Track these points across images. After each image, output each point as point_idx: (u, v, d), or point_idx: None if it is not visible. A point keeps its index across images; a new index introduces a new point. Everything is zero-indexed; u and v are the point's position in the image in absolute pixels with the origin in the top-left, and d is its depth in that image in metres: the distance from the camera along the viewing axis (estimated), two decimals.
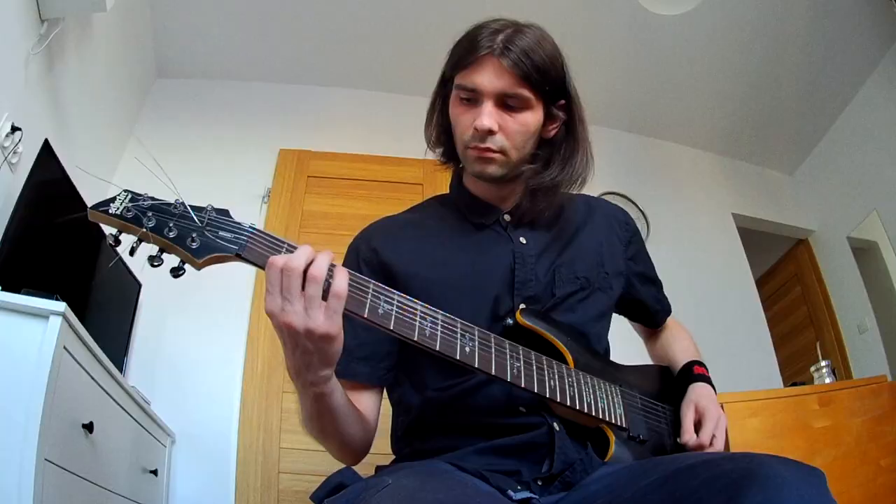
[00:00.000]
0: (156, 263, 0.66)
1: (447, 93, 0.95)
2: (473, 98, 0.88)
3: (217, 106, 2.92)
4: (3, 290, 1.16)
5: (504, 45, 0.85)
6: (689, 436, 0.90)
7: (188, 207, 0.67)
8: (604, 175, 3.07)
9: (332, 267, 0.67)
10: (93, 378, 1.31)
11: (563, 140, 0.94)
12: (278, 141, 2.82)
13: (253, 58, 2.94)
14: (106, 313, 2.00)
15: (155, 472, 1.81)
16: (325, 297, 0.65)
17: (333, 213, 2.64)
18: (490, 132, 0.86)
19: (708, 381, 0.99)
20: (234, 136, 2.82)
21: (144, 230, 0.65)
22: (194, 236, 0.66)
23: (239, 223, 0.69)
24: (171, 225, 0.66)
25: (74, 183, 1.88)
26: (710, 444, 0.88)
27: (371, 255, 0.93)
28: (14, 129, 1.67)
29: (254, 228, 0.69)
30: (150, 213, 0.66)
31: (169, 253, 0.67)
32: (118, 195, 0.67)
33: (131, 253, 0.67)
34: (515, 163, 0.90)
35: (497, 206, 0.97)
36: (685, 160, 3.41)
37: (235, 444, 2.15)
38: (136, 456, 1.67)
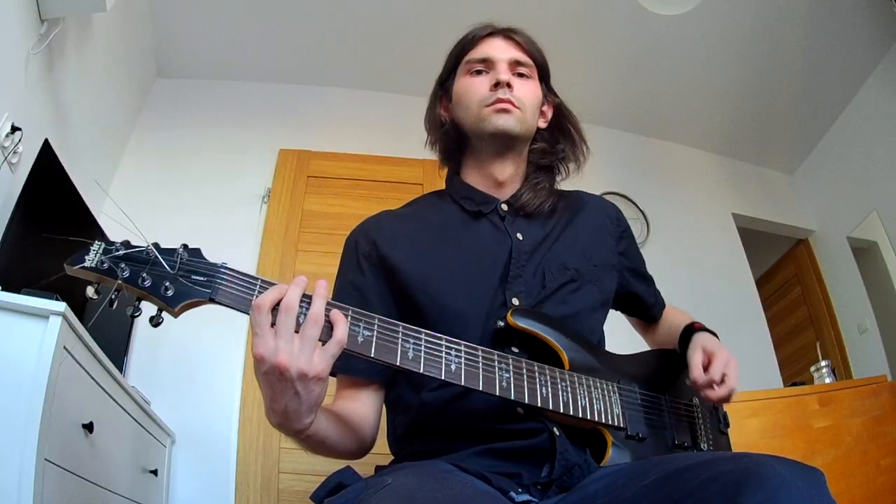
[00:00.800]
0: (136, 314, 0.67)
1: (446, 92, 1.02)
2: (485, 68, 0.98)
3: (217, 106, 2.92)
4: (3, 290, 1.17)
5: (506, 28, 1.01)
6: (697, 372, 0.89)
7: (157, 254, 0.66)
8: (604, 175, 3.07)
9: (327, 306, 0.67)
10: (93, 378, 1.31)
11: (558, 127, 1.05)
12: (278, 141, 2.82)
13: (253, 58, 2.94)
14: (106, 313, 2.00)
15: (155, 472, 1.81)
16: (322, 337, 0.66)
17: (333, 213, 2.64)
18: (508, 85, 0.95)
19: (712, 333, 0.99)
20: (234, 136, 2.82)
21: (119, 281, 0.64)
22: (168, 284, 0.66)
23: (212, 264, 0.68)
24: (143, 274, 0.65)
25: (74, 183, 1.88)
26: (722, 380, 0.88)
27: (370, 250, 0.93)
28: (14, 129, 1.67)
29: (226, 268, 0.69)
30: (123, 264, 0.65)
31: (146, 301, 0.67)
32: (91, 247, 0.66)
33: (111, 305, 0.66)
34: (528, 123, 0.97)
35: (494, 197, 0.99)
36: (685, 160, 3.41)
37: (235, 444, 2.15)
38: (136, 456, 1.67)
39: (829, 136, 3.32)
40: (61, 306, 1.12)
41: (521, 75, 0.98)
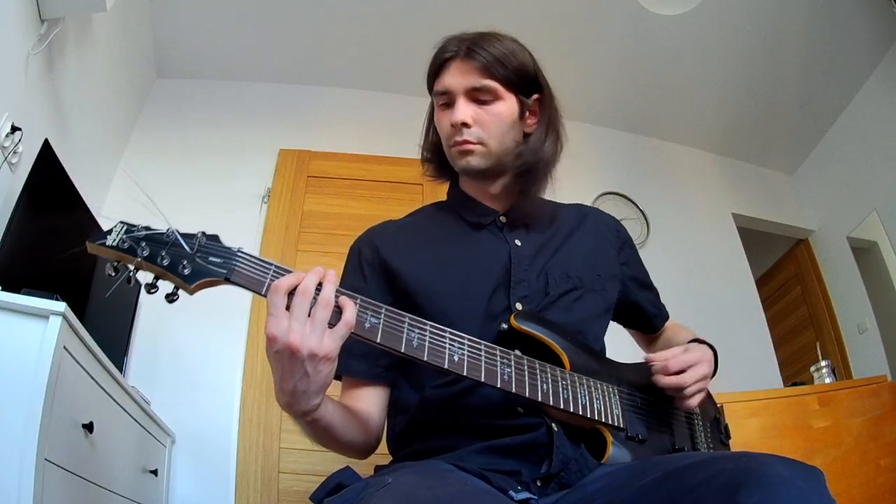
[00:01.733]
0: (152, 291, 0.70)
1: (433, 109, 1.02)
2: (448, 101, 0.96)
3: (217, 106, 2.92)
4: (3, 290, 1.17)
5: (467, 47, 0.94)
6: (656, 356, 0.89)
7: (178, 236, 0.70)
8: (604, 175, 3.08)
9: (337, 293, 0.70)
10: (93, 378, 1.31)
11: (539, 129, 1.00)
12: (278, 141, 2.82)
13: (253, 58, 2.94)
14: (106, 313, 2.00)
15: (155, 472, 1.81)
16: (331, 321, 0.68)
17: (333, 213, 2.64)
18: (464, 125, 0.93)
19: (713, 350, 0.97)
20: (234, 136, 2.82)
21: (139, 260, 0.68)
22: (185, 263, 0.69)
23: (228, 248, 0.71)
24: (163, 253, 0.68)
25: (74, 183, 1.88)
26: (680, 373, 0.87)
27: (373, 256, 0.95)
28: (14, 129, 1.67)
29: (243, 252, 0.71)
30: (143, 243, 0.68)
31: (164, 280, 0.70)
32: (114, 227, 0.69)
33: (129, 282, 0.69)
34: (496, 153, 0.95)
35: (493, 208, 1.00)
36: (685, 160, 3.41)
37: (235, 444, 2.15)
38: (136, 456, 1.67)
39: (829, 136, 3.32)
40: (61, 306, 1.12)
41: (483, 101, 0.93)
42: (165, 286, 0.70)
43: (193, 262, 0.69)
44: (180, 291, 0.70)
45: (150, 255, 0.68)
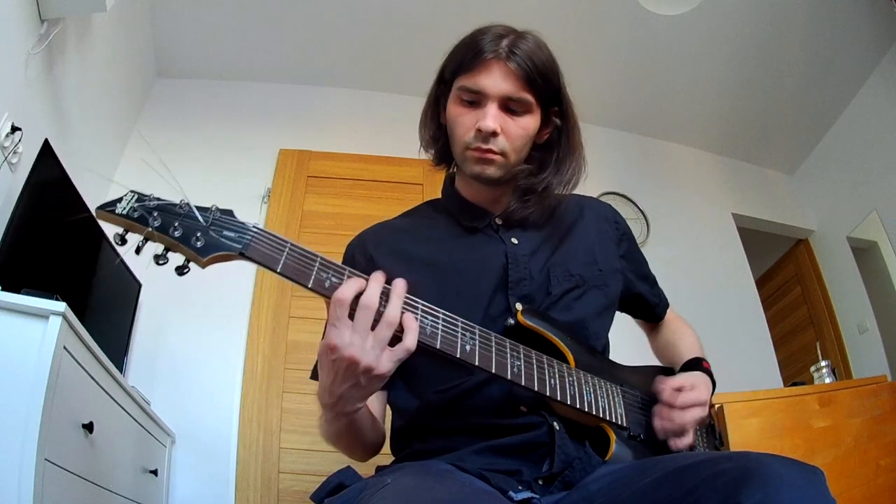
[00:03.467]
0: (161, 262, 0.67)
1: (443, 95, 0.96)
2: (476, 100, 0.90)
3: (217, 106, 2.92)
4: (3, 290, 1.17)
5: (509, 49, 0.88)
6: (664, 385, 0.89)
7: (193, 207, 0.68)
8: (604, 175, 3.08)
9: (402, 310, 0.69)
10: (93, 378, 1.31)
11: (556, 144, 0.97)
12: (278, 141, 2.82)
13: (253, 58, 2.94)
14: (106, 313, 2.00)
15: (155, 472, 1.81)
16: (392, 341, 0.68)
17: (333, 213, 2.64)
18: (493, 134, 0.88)
19: (712, 378, 0.98)
20: (234, 136, 2.83)
21: (150, 229, 0.65)
22: (199, 235, 0.67)
23: (243, 223, 0.70)
24: (176, 224, 0.66)
25: (74, 183, 1.88)
26: (678, 407, 0.87)
27: (367, 264, 0.93)
28: (14, 129, 1.67)
29: (258, 228, 0.70)
30: (155, 213, 0.66)
31: (174, 252, 0.68)
32: (125, 195, 0.67)
33: (137, 252, 0.67)
34: (513, 165, 0.92)
35: (489, 210, 0.98)
36: (685, 160, 3.41)
37: (235, 444, 2.15)
38: (136, 456, 1.67)
39: (829, 136, 3.32)
40: (61, 306, 1.12)
41: (513, 111, 0.89)
42: (175, 259, 0.68)
43: (207, 234, 0.67)
44: (191, 264, 0.68)
45: (162, 226, 0.66)
